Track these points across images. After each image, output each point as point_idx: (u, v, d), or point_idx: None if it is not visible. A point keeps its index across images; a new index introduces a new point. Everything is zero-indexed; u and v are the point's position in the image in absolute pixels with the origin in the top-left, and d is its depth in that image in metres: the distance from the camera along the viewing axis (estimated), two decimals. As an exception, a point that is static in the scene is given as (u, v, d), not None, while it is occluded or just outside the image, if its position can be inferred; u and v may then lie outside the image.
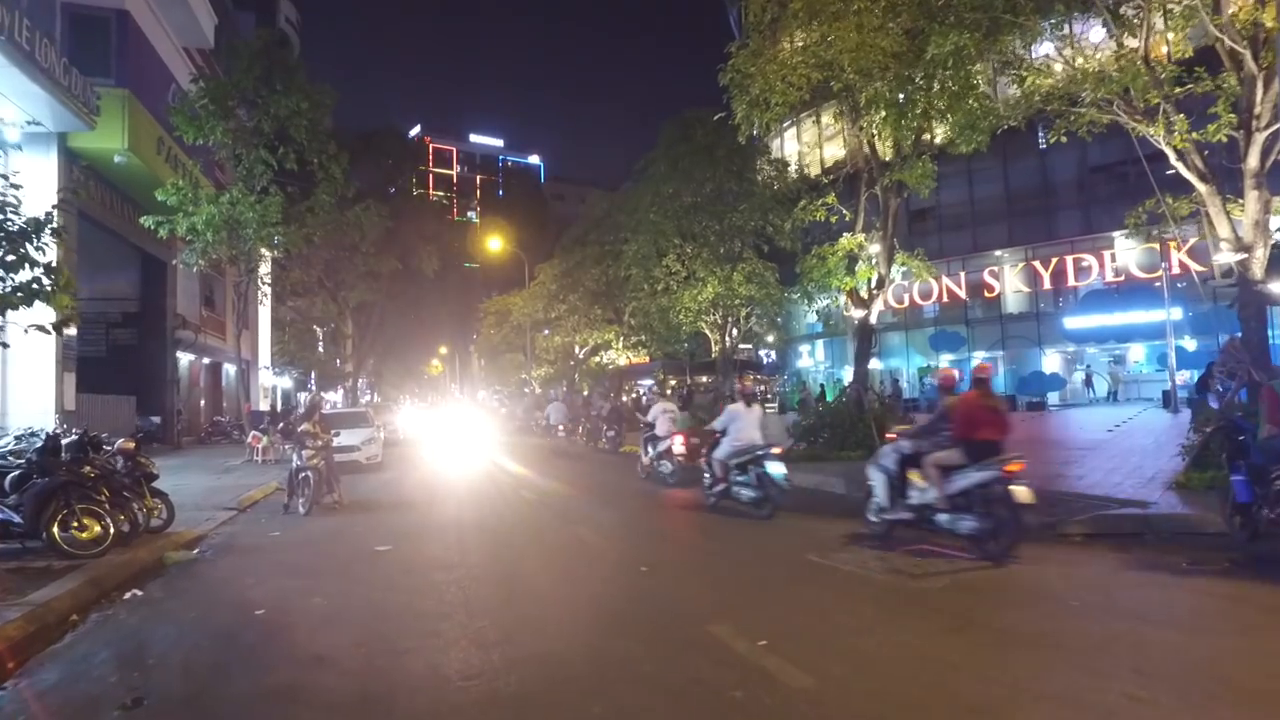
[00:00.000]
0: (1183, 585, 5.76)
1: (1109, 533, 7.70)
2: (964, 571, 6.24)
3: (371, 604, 5.85)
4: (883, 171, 15.01)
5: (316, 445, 11.68)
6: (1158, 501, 8.51)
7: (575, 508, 11.17)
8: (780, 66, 13.44)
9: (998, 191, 34.26)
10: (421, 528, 9.74)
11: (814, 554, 6.99)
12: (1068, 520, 7.95)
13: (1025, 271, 33.54)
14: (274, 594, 6.28)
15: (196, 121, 19.77)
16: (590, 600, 5.79)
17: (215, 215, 18.93)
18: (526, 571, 6.93)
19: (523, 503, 11.80)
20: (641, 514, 10.48)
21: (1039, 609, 5.26)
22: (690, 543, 8.16)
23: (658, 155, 22.52)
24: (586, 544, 8.04)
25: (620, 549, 7.74)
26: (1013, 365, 34.20)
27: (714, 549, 7.69)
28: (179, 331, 29.14)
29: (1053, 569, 6.27)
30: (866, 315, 15.49)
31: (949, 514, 6.98)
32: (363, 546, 8.35)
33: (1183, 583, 5.81)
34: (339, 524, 10.19)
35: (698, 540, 8.38)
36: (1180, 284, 27.48)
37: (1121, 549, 7.02)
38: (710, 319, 21.54)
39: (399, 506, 11.91)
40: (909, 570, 6.27)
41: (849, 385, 16.32)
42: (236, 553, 8.38)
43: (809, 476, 12.76)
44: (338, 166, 23.02)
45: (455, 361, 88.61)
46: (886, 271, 15.31)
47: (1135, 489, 9.44)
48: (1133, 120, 9.84)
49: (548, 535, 8.65)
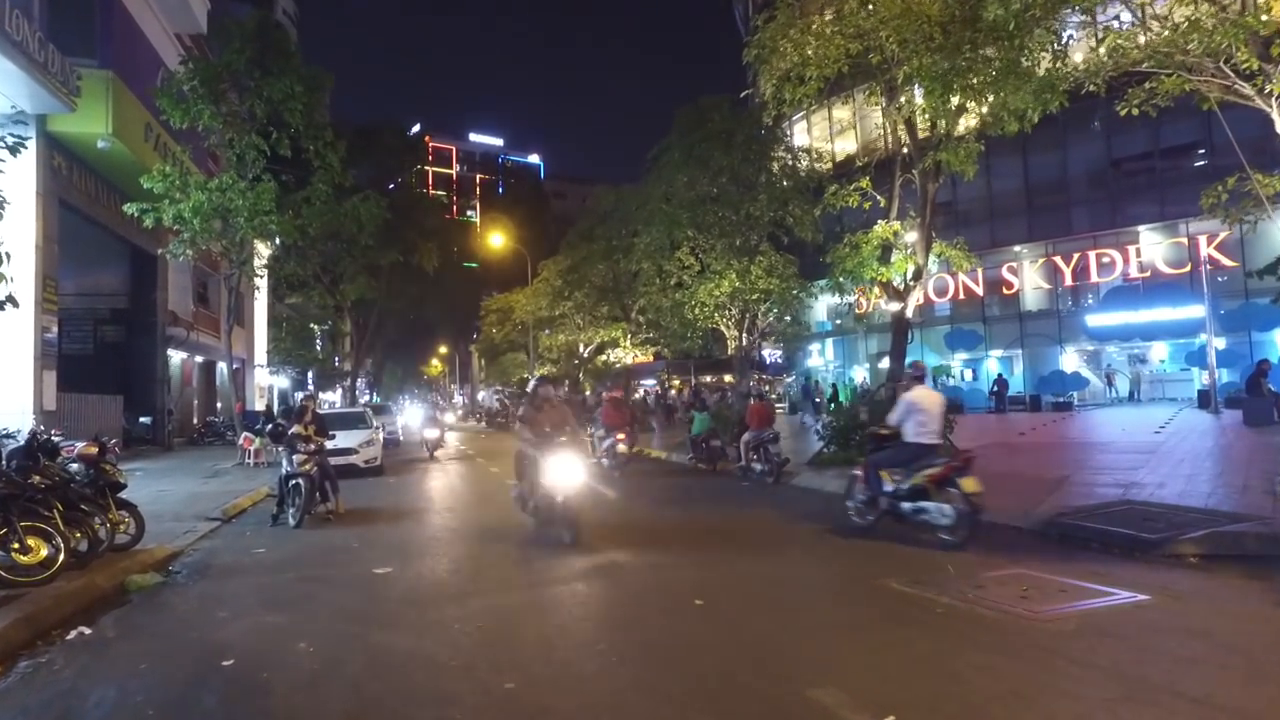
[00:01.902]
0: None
1: (1230, 554, 6.59)
2: (1084, 605, 5.12)
3: (369, 651, 4.72)
4: (921, 154, 13.90)
5: (309, 449, 10.56)
6: (1274, 515, 7.39)
7: (598, 518, 10.05)
8: (815, 37, 12.34)
9: (1016, 185, 33.13)
10: (426, 543, 8.62)
11: (894, 580, 5.88)
12: (1177, 539, 6.83)
13: (1045, 267, 32.44)
14: (249, 635, 5.15)
15: (184, 104, 18.63)
16: (643, 649, 4.64)
17: (204, 203, 17.79)
18: (554, 604, 5.80)
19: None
20: (672, 522, 9.37)
21: (1216, 663, 4.13)
22: (739, 564, 7.03)
23: (672, 143, 21.40)
24: (621, 566, 6.91)
25: (662, 573, 6.61)
26: (1032, 364, 33.09)
27: (769, 574, 6.56)
28: (170, 328, 28.03)
29: (1199, 604, 5.15)
30: (903, 309, 14.38)
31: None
32: (360, 569, 7.22)
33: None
34: (333, 538, 9.07)
35: (746, 560, 7.25)
36: (1221, 278, 26.37)
37: (1261, 575, 5.91)
38: (728, 314, 20.40)
39: (401, 516, 10.79)
40: (1018, 606, 5.14)
41: (883, 383, 15.18)
42: (213, 575, 7.25)
43: (842, 482, 11.63)
44: (334, 154, 21.92)
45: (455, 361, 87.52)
46: (924, 261, 14.19)
47: (1235, 500, 8.33)
48: (1232, 83, 8.70)
49: (572, 554, 7.52)
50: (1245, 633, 4.55)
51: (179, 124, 18.82)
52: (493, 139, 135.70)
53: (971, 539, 7.66)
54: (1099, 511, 8.21)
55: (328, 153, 21.77)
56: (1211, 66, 8.84)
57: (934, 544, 7.43)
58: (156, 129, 22.04)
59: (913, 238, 14.36)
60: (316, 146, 21.69)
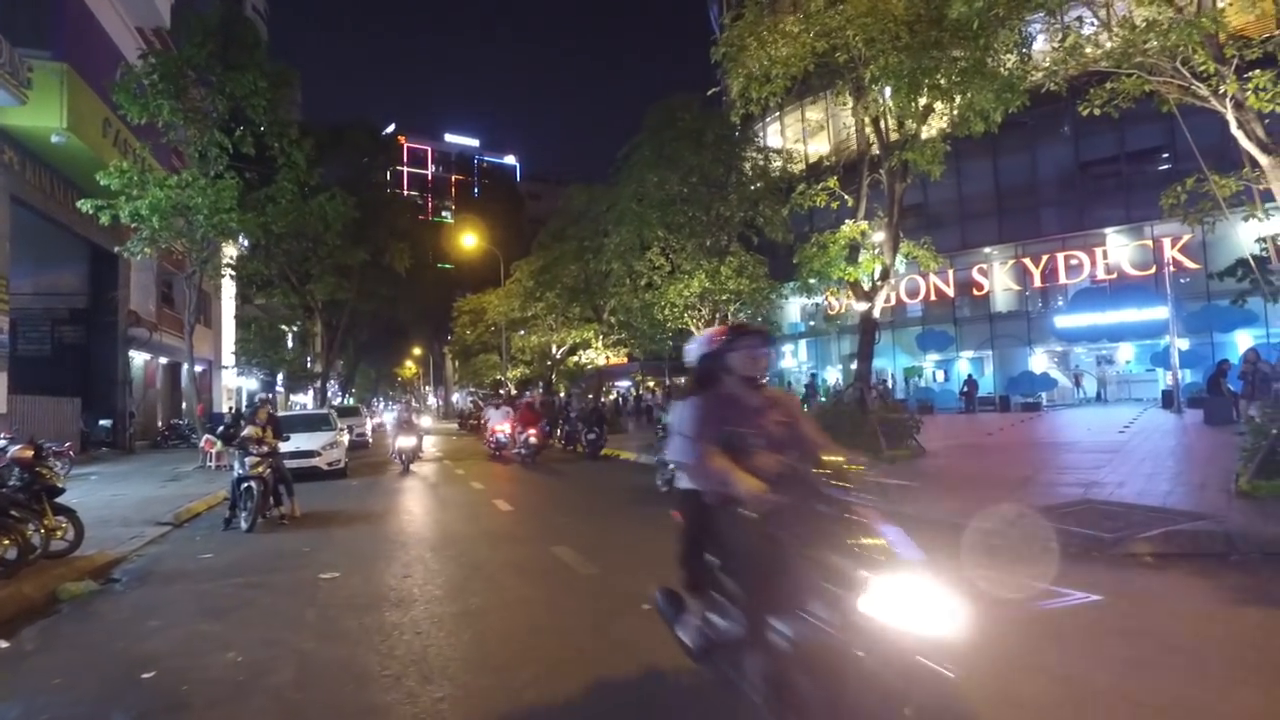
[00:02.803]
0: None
1: (1185, 552, 6.58)
2: (1036, 606, 5.05)
3: (300, 660, 4.53)
4: (888, 153, 13.91)
5: (261, 451, 10.28)
6: (1229, 514, 7.41)
7: (555, 521, 9.89)
8: (781, 35, 12.28)
9: (987, 187, 33.43)
10: (379, 547, 8.40)
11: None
12: (1133, 538, 6.81)
13: (1015, 269, 32.75)
14: (178, 645, 4.93)
15: (141, 99, 18.18)
16: (584, 658, 4.50)
17: (163, 200, 17.36)
18: (499, 607, 5.63)
19: (496, 515, 10.46)
20: (628, 527, 9.22)
21: (1163, 663, 4.06)
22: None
23: (642, 142, 21.26)
24: (570, 569, 6.75)
25: (611, 577, 6.46)
26: (1002, 365, 33.39)
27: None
28: (132, 329, 27.42)
29: (1150, 604, 5.10)
30: (870, 309, 14.36)
31: None
32: (306, 574, 7.00)
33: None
34: (284, 543, 8.82)
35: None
36: (1183, 279, 26.75)
37: (1211, 573, 5.89)
38: (697, 314, 20.29)
39: (357, 520, 10.54)
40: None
41: (851, 384, 15.17)
42: (154, 582, 6.99)
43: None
44: (300, 152, 21.56)
45: (429, 363, 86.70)
46: (892, 261, 14.19)
47: (1193, 499, 8.36)
48: (1189, 84, 8.74)
49: (524, 556, 7.35)
50: (1192, 633, 4.49)
51: (136, 119, 18.38)
52: (468, 139, 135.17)
53: (931, 540, 7.61)
54: (1058, 511, 8.19)
55: (293, 150, 21.40)
56: (1169, 68, 8.89)
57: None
58: (116, 124, 21.52)
59: (880, 238, 14.35)
60: (282, 144, 21.34)
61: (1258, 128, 8.57)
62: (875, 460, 11.96)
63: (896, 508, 9.33)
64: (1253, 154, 8.72)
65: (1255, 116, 8.58)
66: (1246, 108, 8.57)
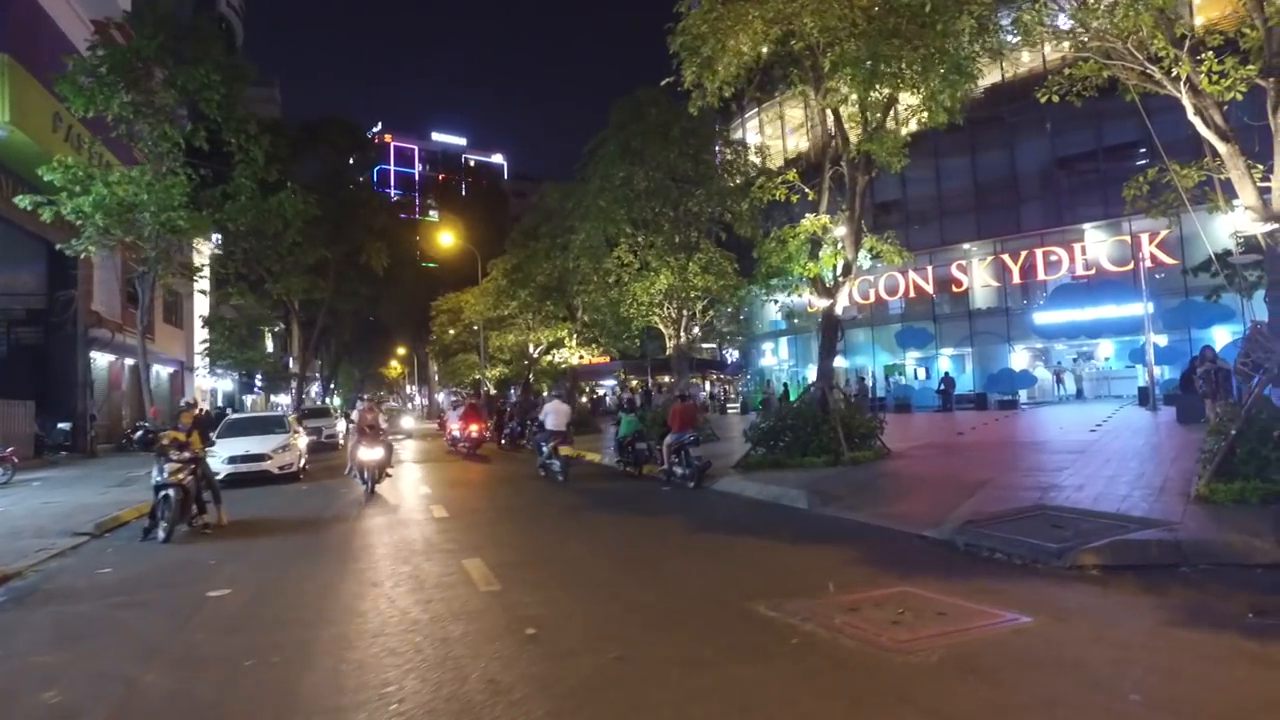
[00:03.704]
0: (1266, 650, 4.19)
1: (1134, 564, 6.16)
2: (958, 632, 4.60)
3: (127, 696, 4.04)
4: (848, 144, 13.48)
5: (183, 458, 9.75)
6: (1183, 520, 6.99)
7: (484, 529, 9.39)
8: (735, 21, 11.81)
9: (965, 183, 33.14)
10: (290, 560, 7.91)
11: (763, 603, 5.31)
12: (1080, 549, 6.38)
13: (994, 265, 32.44)
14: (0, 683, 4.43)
15: (87, 92, 17.54)
16: (435, 696, 4.02)
17: (106, 197, 16.73)
18: (373, 633, 5.14)
19: (427, 523, 9.95)
20: (556, 534, 8.74)
21: (1075, 703, 3.62)
22: (596, 580, 6.44)
23: (608, 136, 20.77)
24: (473, 586, 6.28)
25: (510, 594, 5.99)
26: (983, 363, 33.08)
27: (632, 595, 5.94)
28: (93, 330, 26.76)
29: (1082, 628, 4.65)
30: (832, 306, 13.91)
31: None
32: (194, 591, 6.50)
33: (1264, 648, 4.24)
34: (194, 555, 8.31)
35: (608, 570, 6.68)
36: (1159, 274, 26.48)
37: (1157, 589, 5.47)
38: (663, 313, 19.83)
39: (285, 529, 10.02)
40: (885, 634, 4.60)
41: (812, 384, 14.73)
42: (29, 603, 6.47)
43: (767, 488, 11.14)
44: (258, 148, 20.93)
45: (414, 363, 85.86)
46: (854, 257, 13.74)
47: (1149, 503, 7.95)
48: (1143, 67, 8.31)
49: (432, 572, 6.87)
50: (1120, 664, 4.05)
51: (82, 112, 17.74)
52: (455, 138, 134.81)
53: (875, 548, 7.20)
54: (1010, 518, 7.77)
55: (252, 146, 20.82)
56: (1125, 50, 8.46)
57: (831, 554, 6.93)
58: (68, 119, 20.91)
59: (842, 232, 13.91)
60: (239, 140, 20.74)
61: (1215, 114, 8.16)
62: (834, 463, 11.48)
63: (849, 514, 8.94)
64: (1212, 142, 8.31)
65: (1213, 103, 8.17)
66: (1204, 93, 8.16)
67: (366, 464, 13.13)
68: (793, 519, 9.39)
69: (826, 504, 9.85)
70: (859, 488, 10.68)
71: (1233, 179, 8.18)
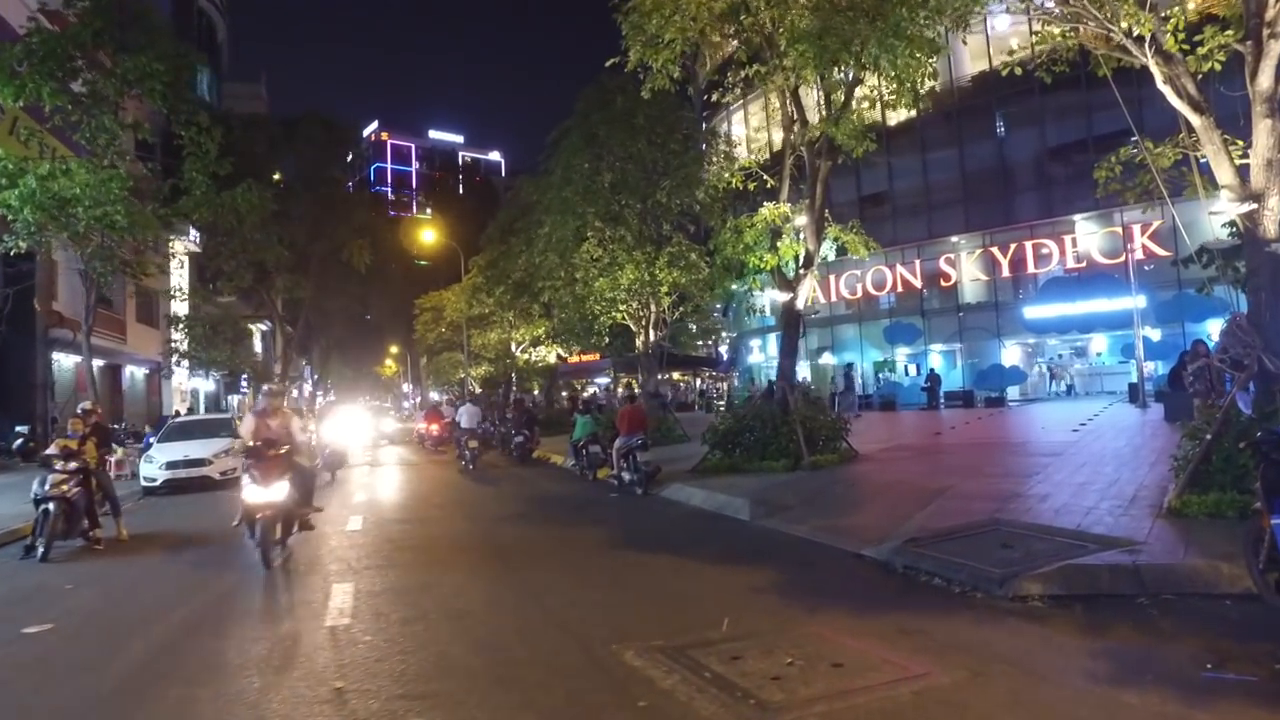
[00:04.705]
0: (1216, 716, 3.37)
1: (1085, 593, 5.33)
2: (843, 693, 3.77)
3: None
4: (806, 127, 12.64)
5: (67, 468, 8.93)
6: (1148, 539, 6.16)
7: (377, 544, 8.55)
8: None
9: (953, 175, 32.21)
10: (159, 584, 7.14)
11: (635, 647, 4.47)
12: (1026, 575, 5.55)
13: (983, 258, 31.54)
14: None
15: (17, 80, 16.70)
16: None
17: (35, 190, 15.91)
18: (178, 678, 4.34)
19: (336, 534, 9.11)
20: (446, 546, 7.91)
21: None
22: (473, 603, 5.64)
23: (572, 125, 19.92)
24: (320, 616, 5.47)
25: (354, 629, 5.18)
26: (972, 358, 32.20)
27: (489, 634, 5.10)
28: (53, 330, 25.96)
29: (1000, 688, 3.82)
30: (792, 299, 13.06)
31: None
32: (11, 626, 5.68)
33: (1214, 710, 3.42)
34: (56, 578, 7.51)
35: (484, 599, 5.87)
36: (1148, 266, 25.61)
37: (1105, 628, 4.63)
38: (627, 309, 18.98)
39: (187, 545, 9.23)
40: (761, 691, 3.78)
41: (772, 382, 13.90)
42: None
43: (714, 495, 10.32)
44: (210, 140, 20.13)
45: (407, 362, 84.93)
46: (815, 247, 12.88)
47: (1115, 516, 7.11)
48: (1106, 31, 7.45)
49: (289, 599, 6.07)
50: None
51: (7, 101, 16.90)
52: (452, 136, 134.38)
53: (802, 570, 6.40)
54: (958, 535, 6.94)
55: (203, 139, 20.02)
56: (1089, 14, 7.60)
57: (750, 578, 6.11)
58: (13, 111, 20.07)
59: (803, 221, 13.06)
60: (190, 133, 19.95)
61: (1188, 83, 7.31)
62: (793, 467, 10.61)
63: (790, 527, 8.13)
64: (1185, 114, 7.46)
65: (1185, 71, 7.33)
66: (1175, 60, 7.32)
67: (256, 512, 7.43)
68: (729, 532, 8.57)
69: (771, 515, 9.03)
70: (810, 496, 9.85)
71: (1208, 155, 7.34)
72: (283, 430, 8.07)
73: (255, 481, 7.51)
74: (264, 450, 7.70)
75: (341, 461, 16.81)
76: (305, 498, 8.24)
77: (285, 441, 7.92)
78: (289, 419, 8.35)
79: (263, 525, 7.33)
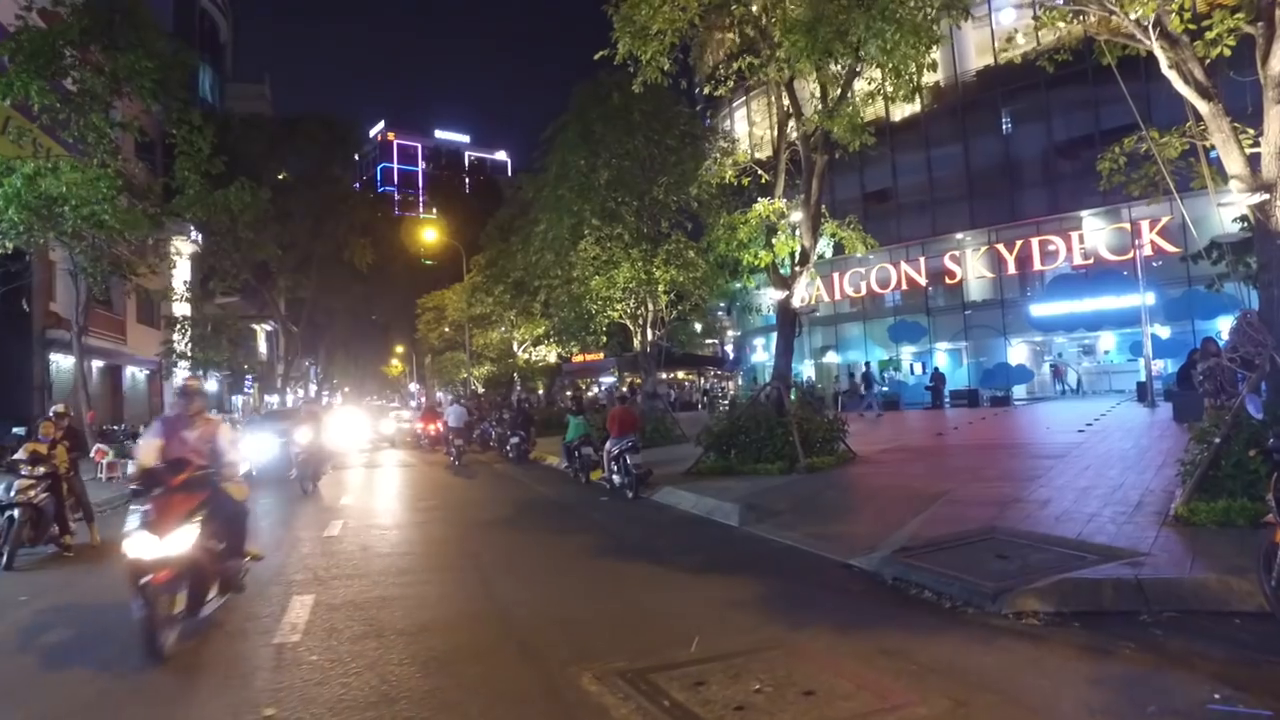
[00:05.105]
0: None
1: (1083, 609, 4.98)
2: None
3: None
4: (802, 120, 12.30)
5: (35, 473, 8.68)
6: (1153, 550, 5.80)
7: (354, 550, 8.26)
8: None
9: (958, 171, 31.74)
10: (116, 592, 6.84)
11: (594, 670, 4.14)
12: (1020, 588, 5.21)
13: (988, 255, 31.07)
14: None
15: (3, 79, 16.51)
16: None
17: (21, 190, 15.71)
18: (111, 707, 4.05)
19: (314, 539, 8.82)
20: (425, 552, 7.61)
21: None
22: (438, 617, 5.34)
23: (568, 121, 19.58)
24: (270, 632, 5.16)
25: (301, 648, 4.88)
26: (978, 357, 31.73)
27: (444, 654, 4.82)
28: (50, 331, 25.84)
29: (983, 717, 3.49)
30: (788, 297, 12.71)
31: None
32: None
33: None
34: (19, 587, 7.23)
35: (451, 612, 5.55)
36: (1157, 262, 25.13)
37: (1103, 650, 4.30)
38: (624, 307, 18.64)
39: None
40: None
41: (768, 383, 13.56)
42: None
43: (704, 500, 10.00)
44: (202, 139, 19.96)
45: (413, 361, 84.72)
46: (811, 244, 12.52)
47: (1119, 524, 6.75)
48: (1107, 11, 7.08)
49: (248, 607, 5.77)
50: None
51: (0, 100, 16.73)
52: (459, 135, 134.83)
53: (785, 582, 6.07)
54: (952, 544, 6.60)
55: (195, 137, 19.84)
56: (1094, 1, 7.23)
57: (729, 590, 5.78)
58: (8, 111, 19.91)
59: (799, 217, 12.72)
60: (182, 131, 19.77)
61: (1195, 68, 6.93)
62: (789, 470, 10.25)
63: (778, 534, 7.80)
64: (1192, 101, 7.09)
65: (1192, 55, 6.95)
66: (1181, 43, 6.95)
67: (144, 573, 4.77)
68: (715, 539, 8.25)
69: (760, 520, 8.70)
70: (802, 501, 9.51)
71: (1216, 144, 6.97)
72: (203, 444, 5.58)
73: (145, 524, 4.82)
74: (165, 476, 5.12)
75: (318, 470, 14.39)
76: (233, 545, 5.65)
77: (203, 462, 5.43)
78: (215, 428, 5.76)
79: (149, 594, 4.68)
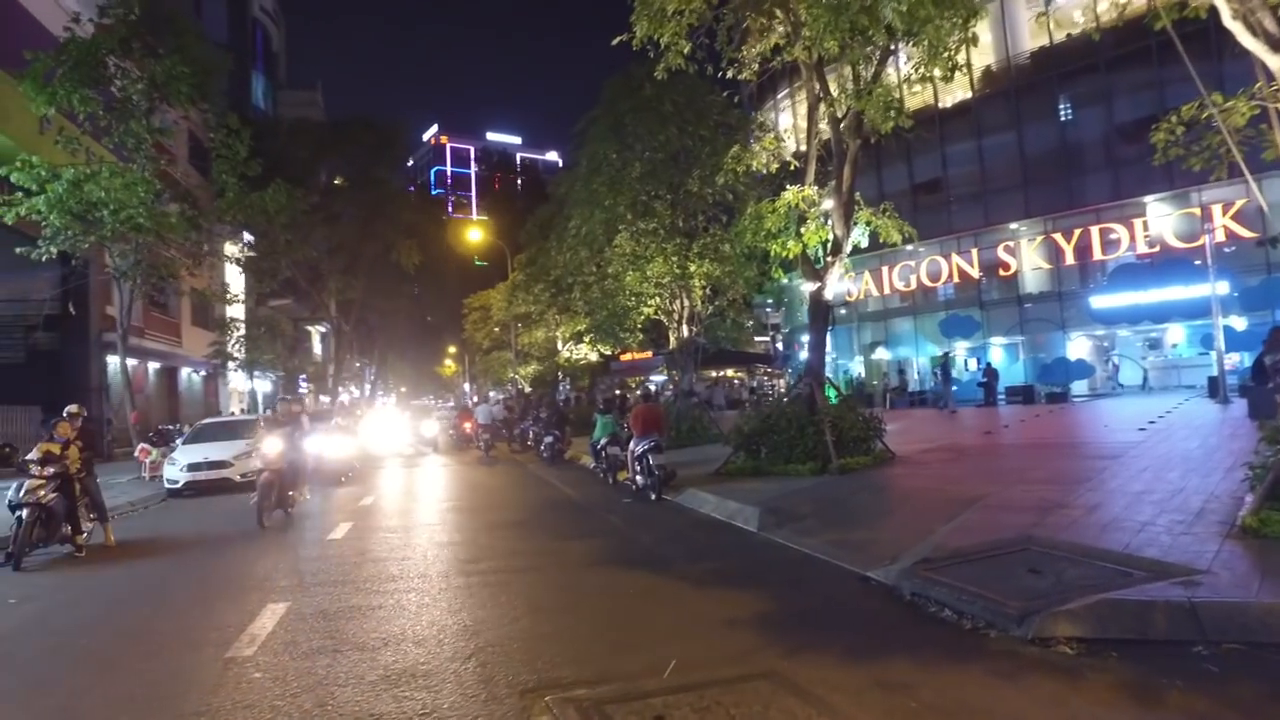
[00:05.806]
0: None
1: (1126, 637, 4.33)
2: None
3: None
4: (832, 101, 11.64)
5: (44, 473, 8.65)
6: (1212, 567, 5.08)
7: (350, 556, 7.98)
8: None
9: (1012, 158, 30.33)
10: (111, 601, 6.67)
11: (555, 695, 3.70)
12: (1051, 610, 4.57)
13: (1045, 246, 29.61)
14: None
15: (49, 89, 16.89)
16: None
17: (63, 195, 16.05)
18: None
19: (317, 543, 8.59)
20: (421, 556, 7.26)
21: None
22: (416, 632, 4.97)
23: (599, 114, 19.19)
24: (227, 643, 4.86)
25: (252, 664, 4.54)
26: (1036, 352, 30.29)
27: (406, 673, 4.43)
28: (106, 334, 26.64)
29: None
30: (820, 289, 12.05)
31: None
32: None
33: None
34: (15, 588, 7.15)
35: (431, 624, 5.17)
36: (1230, 249, 23.49)
37: (1145, 693, 3.66)
38: (659, 303, 18.14)
39: (170, 551, 8.88)
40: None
41: (799, 380, 12.92)
42: None
43: (725, 503, 9.47)
44: (240, 142, 20.18)
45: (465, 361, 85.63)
46: (844, 233, 11.83)
47: (1175, 535, 6.00)
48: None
49: (216, 618, 5.49)
50: None
51: (40, 111, 17.11)
52: (510, 137, 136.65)
53: (793, 596, 5.54)
54: (980, 556, 5.96)
55: (233, 141, 20.09)
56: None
57: (730, 604, 5.27)
58: (59, 120, 20.45)
59: (831, 205, 12.05)
60: (220, 134, 20.05)
61: (1265, 17, 6.12)
62: (820, 471, 9.64)
63: (797, 541, 7.24)
64: (1260, 56, 6.28)
65: (1261, 2, 6.14)
66: (1248, -11, 6.14)
67: None
68: (730, 546, 7.72)
69: (780, 525, 8.14)
70: (828, 504, 8.91)
71: (1290, 105, 6.15)
72: None
73: None
74: None
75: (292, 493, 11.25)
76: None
77: None
78: None
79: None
